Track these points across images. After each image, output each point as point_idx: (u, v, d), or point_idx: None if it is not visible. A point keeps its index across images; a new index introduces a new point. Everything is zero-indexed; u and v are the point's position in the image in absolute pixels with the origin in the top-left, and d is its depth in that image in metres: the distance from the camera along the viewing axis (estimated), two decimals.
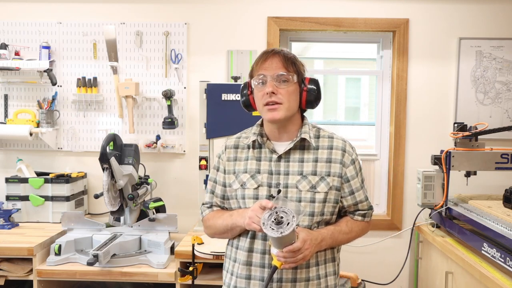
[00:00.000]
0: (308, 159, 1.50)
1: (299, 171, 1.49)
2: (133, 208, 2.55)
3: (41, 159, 2.94)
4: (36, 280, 2.26)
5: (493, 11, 2.82)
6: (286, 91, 1.46)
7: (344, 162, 1.52)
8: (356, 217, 1.56)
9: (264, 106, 1.48)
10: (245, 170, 1.53)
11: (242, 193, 1.51)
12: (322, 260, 1.51)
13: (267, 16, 2.84)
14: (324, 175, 1.49)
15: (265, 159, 1.52)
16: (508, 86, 2.84)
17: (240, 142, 1.59)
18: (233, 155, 1.58)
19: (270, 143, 1.54)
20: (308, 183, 1.47)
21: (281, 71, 1.46)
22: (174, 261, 2.27)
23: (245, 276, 1.49)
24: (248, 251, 1.48)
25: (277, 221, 1.29)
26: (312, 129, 1.56)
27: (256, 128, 1.57)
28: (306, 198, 1.46)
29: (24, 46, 2.87)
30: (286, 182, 1.48)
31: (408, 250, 2.77)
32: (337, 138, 1.56)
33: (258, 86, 1.49)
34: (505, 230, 1.88)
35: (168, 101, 2.77)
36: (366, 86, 3.39)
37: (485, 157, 2.38)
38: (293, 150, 1.51)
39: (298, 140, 1.51)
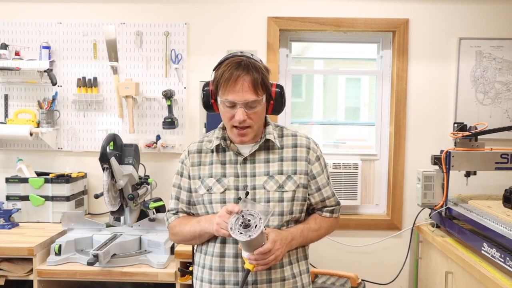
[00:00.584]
0: (273, 159, 1.51)
1: (265, 172, 1.49)
2: (133, 208, 2.55)
3: (41, 159, 2.94)
4: (36, 280, 2.27)
5: (493, 11, 2.82)
6: (255, 114, 1.45)
7: (309, 159, 1.52)
8: (324, 213, 1.58)
9: (233, 127, 1.46)
10: (210, 174, 1.52)
11: (209, 198, 1.49)
12: (295, 259, 1.52)
13: (267, 16, 2.84)
14: (290, 173, 1.49)
15: (230, 162, 1.51)
16: (508, 86, 2.84)
17: (203, 146, 1.57)
18: (197, 160, 1.56)
19: (234, 146, 1.52)
20: (276, 183, 1.47)
21: (252, 97, 1.41)
22: (174, 261, 2.28)
23: (219, 281, 1.47)
24: (220, 256, 1.47)
25: (244, 224, 1.29)
26: (275, 129, 1.56)
27: (219, 131, 1.55)
28: (275, 198, 1.46)
29: (24, 46, 2.87)
30: (253, 183, 1.48)
31: (408, 250, 2.77)
32: (300, 135, 1.56)
33: (226, 107, 1.45)
34: (505, 230, 1.88)
35: (168, 101, 2.77)
36: (366, 86, 3.39)
37: (485, 157, 2.38)
38: (258, 151, 1.51)
39: (262, 141, 1.50)
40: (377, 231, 2.91)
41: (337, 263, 2.84)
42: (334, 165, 2.89)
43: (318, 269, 2.60)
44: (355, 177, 2.90)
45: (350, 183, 2.90)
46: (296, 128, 3.03)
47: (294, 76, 3.05)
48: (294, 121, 3.04)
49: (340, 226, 2.92)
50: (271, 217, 1.44)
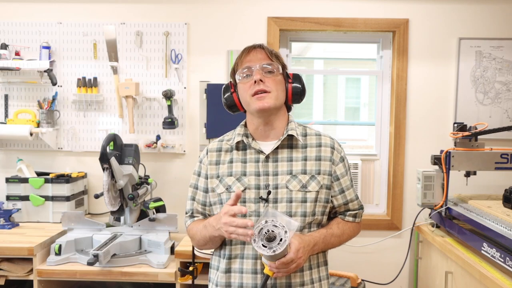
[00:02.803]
0: (297, 158, 1.47)
1: (288, 171, 1.45)
2: (133, 208, 2.55)
3: (41, 159, 2.94)
4: (36, 280, 2.27)
5: (493, 11, 2.82)
6: (273, 80, 1.45)
7: (334, 160, 1.49)
8: (347, 218, 1.54)
9: (252, 97, 1.44)
10: (230, 173, 1.48)
11: (228, 197, 1.45)
12: (315, 264, 1.48)
13: (267, 16, 2.84)
14: (314, 173, 1.46)
15: (251, 160, 1.48)
16: (507, 86, 2.84)
17: (223, 145, 1.55)
18: (215, 159, 1.53)
19: (256, 143, 1.49)
20: (299, 183, 1.44)
21: (267, 62, 1.46)
22: (174, 261, 2.28)
23: (238, 284, 1.44)
24: (240, 257, 1.44)
25: (268, 237, 1.25)
26: (298, 127, 1.53)
27: (240, 128, 1.53)
28: (297, 198, 1.43)
29: (24, 46, 2.88)
30: (275, 183, 1.44)
31: (408, 250, 2.77)
32: (324, 135, 1.53)
33: (244, 79, 1.46)
34: (505, 230, 1.88)
35: (168, 101, 2.77)
36: (366, 86, 3.39)
37: (485, 157, 2.38)
38: (281, 149, 1.48)
39: (285, 137, 1.47)
40: (377, 231, 2.91)
41: (337, 263, 2.84)
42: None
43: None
44: (355, 177, 2.90)
45: None
46: None
47: None
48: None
49: None
50: (293, 217, 1.40)
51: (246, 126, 1.54)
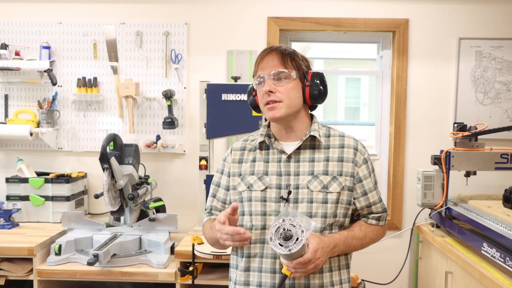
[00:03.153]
0: (319, 159, 1.46)
1: (310, 171, 1.44)
2: (133, 208, 2.55)
3: (41, 159, 2.94)
4: (36, 280, 2.27)
5: (493, 11, 2.82)
6: (285, 88, 1.43)
7: (356, 161, 1.47)
8: (370, 220, 1.51)
9: (265, 106, 1.45)
10: (252, 172, 1.49)
11: (249, 195, 1.46)
12: (336, 266, 1.46)
13: (267, 16, 2.84)
14: (336, 174, 1.44)
15: (273, 160, 1.48)
16: (507, 86, 2.84)
17: (247, 145, 1.55)
18: (239, 157, 1.54)
19: (278, 143, 1.49)
20: (320, 183, 1.42)
21: (278, 69, 1.43)
22: (174, 261, 2.28)
23: (256, 283, 1.43)
24: (259, 256, 1.44)
25: (285, 236, 1.24)
26: (322, 128, 1.52)
27: (263, 129, 1.53)
28: (318, 199, 1.42)
29: (24, 46, 2.88)
30: (296, 183, 1.43)
31: (408, 250, 2.77)
32: (348, 136, 1.52)
33: (258, 86, 1.47)
34: (505, 230, 1.88)
35: (168, 101, 2.77)
36: (366, 86, 3.39)
37: (484, 157, 2.38)
38: (303, 150, 1.47)
39: (307, 138, 1.46)
40: None
41: None
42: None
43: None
44: None
45: None
46: None
47: None
48: None
49: None
50: (313, 218, 1.40)
51: (269, 127, 1.54)
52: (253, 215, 1.45)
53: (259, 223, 1.44)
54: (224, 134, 2.49)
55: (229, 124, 2.42)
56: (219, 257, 2.17)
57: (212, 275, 2.29)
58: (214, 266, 2.34)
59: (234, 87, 2.47)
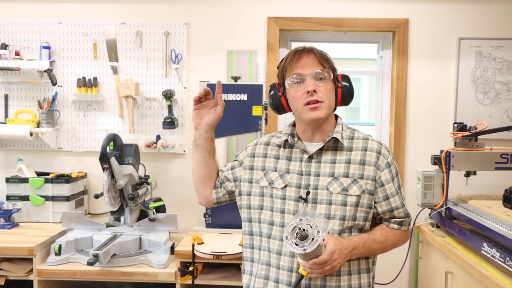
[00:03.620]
0: (340, 160, 1.45)
1: (330, 173, 1.43)
2: (133, 208, 2.55)
3: (41, 159, 2.94)
4: (36, 280, 2.27)
5: (493, 11, 2.82)
6: (325, 88, 1.43)
7: (379, 165, 1.45)
8: (391, 225, 1.50)
9: (305, 106, 1.42)
10: (275, 168, 1.50)
11: (270, 192, 1.47)
12: (355, 270, 1.45)
13: (267, 16, 2.84)
14: (356, 177, 1.43)
15: (295, 159, 1.48)
16: (508, 86, 2.85)
17: (271, 140, 1.57)
18: (263, 151, 1.55)
19: (301, 143, 1.50)
20: (340, 185, 1.42)
21: (319, 68, 1.43)
22: (174, 261, 2.28)
23: (274, 279, 1.44)
24: (277, 253, 1.44)
25: (301, 235, 1.24)
26: (346, 130, 1.51)
27: (288, 128, 1.54)
28: (337, 201, 1.41)
29: (24, 46, 2.88)
30: (316, 183, 1.43)
31: (408, 250, 2.76)
32: (372, 140, 1.50)
33: (294, 86, 1.44)
34: (505, 230, 1.88)
35: (168, 101, 2.77)
36: (366, 86, 3.39)
37: (485, 157, 2.38)
38: (325, 151, 1.46)
39: (330, 139, 1.46)
40: None
41: None
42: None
43: None
44: None
45: None
46: None
47: None
48: None
49: None
50: (331, 220, 1.39)
51: (294, 126, 1.55)
52: (274, 211, 1.46)
53: (278, 219, 1.45)
54: (224, 134, 2.48)
55: (229, 124, 2.41)
56: (219, 257, 2.17)
57: (212, 275, 2.29)
58: (214, 266, 2.34)
59: (234, 87, 2.47)
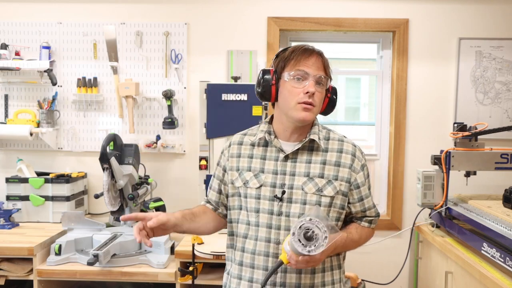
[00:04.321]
0: (316, 161, 1.46)
1: (305, 173, 1.44)
2: (133, 208, 2.55)
3: (41, 159, 2.94)
4: (36, 280, 2.27)
5: (493, 11, 2.82)
6: (321, 94, 1.44)
7: (354, 168, 1.47)
8: (363, 223, 1.54)
9: (298, 104, 1.41)
10: (249, 168, 1.49)
11: (245, 192, 1.48)
12: (329, 267, 1.48)
13: (267, 16, 2.84)
14: (331, 178, 1.44)
15: (270, 158, 1.48)
16: (507, 86, 2.84)
17: (245, 139, 1.55)
18: (236, 152, 1.54)
19: (277, 141, 1.49)
20: (315, 186, 1.43)
21: (322, 73, 1.43)
22: (174, 261, 2.28)
23: (248, 278, 1.45)
24: (252, 253, 1.45)
25: (305, 233, 1.23)
26: (322, 131, 1.51)
27: (264, 125, 1.52)
28: (312, 201, 1.42)
29: (24, 46, 2.87)
30: (291, 183, 1.44)
31: (408, 250, 2.77)
32: (347, 142, 1.51)
33: (294, 81, 1.42)
34: (505, 230, 1.88)
35: (168, 101, 2.77)
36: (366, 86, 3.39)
37: (485, 157, 2.38)
38: (301, 151, 1.47)
39: (307, 140, 1.46)
40: (377, 231, 2.85)
41: None
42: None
43: None
44: None
45: None
46: None
47: None
48: None
49: None
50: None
51: (271, 123, 1.53)
52: (249, 211, 1.47)
53: (253, 219, 1.46)
54: (224, 134, 2.48)
55: (229, 124, 2.42)
56: (219, 257, 2.17)
57: (212, 275, 2.29)
58: (214, 266, 2.34)
59: (234, 87, 2.47)
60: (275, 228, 1.43)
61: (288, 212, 1.43)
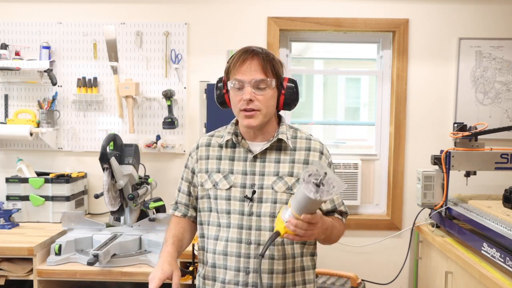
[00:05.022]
0: (284, 160, 1.48)
1: (275, 172, 1.46)
2: (133, 208, 2.55)
3: (41, 159, 2.94)
4: (36, 280, 2.26)
5: (493, 11, 2.82)
6: (264, 97, 1.42)
7: None
8: (336, 216, 1.54)
9: (241, 112, 1.43)
10: (218, 169, 1.50)
11: (215, 193, 1.49)
12: (299, 267, 1.49)
13: (267, 16, 2.84)
14: (301, 176, 1.47)
15: (239, 159, 1.49)
16: (507, 86, 2.85)
17: (212, 140, 1.56)
18: (205, 154, 1.54)
19: (245, 142, 1.50)
20: (284, 184, 1.45)
21: (260, 77, 1.41)
22: None
23: (221, 280, 1.47)
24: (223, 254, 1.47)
25: (316, 184, 1.19)
26: (289, 130, 1.53)
27: (231, 127, 1.53)
28: (282, 200, 1.44)
29: (24, 46, 2.87)
30: (261, 183, 1.45)
31: (408, 250, 2.77)
32: (314, 140, 1.53)
33: (234, 90, 1.44)
34: (505, 230, 1.88)
35: (168, 101, 2.77)
36: (366, 86, 3.39)
37: (484, 157, 2.38)
38: (269, 151, 1.48)
39: (275, 140, 1.48)
40: (377, 231, 2.91)
41: (337, 263, 2.84)
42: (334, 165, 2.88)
43: (318, 269, 2.60)
44: (355, 177, 2.90)
45: (350, 183, 2.90)
46: None
47: (294, 76, 3.05)
48: (294, 121, 3.04)
49: None
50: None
51: (237, 125, 1.54)
52: (219, 213, 1.48)
53: (224, 221, 1.47)
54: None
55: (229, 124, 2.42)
56: None
57: None
58: None
59: None
60: (246, 228, 1.44)
61: (259, 212, 1.44)
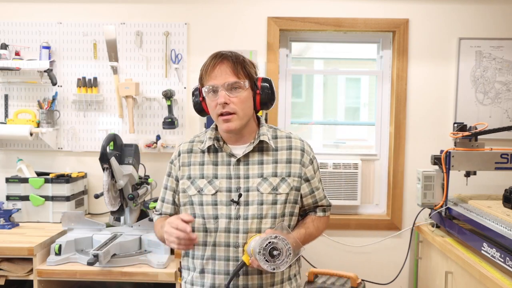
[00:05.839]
0: (267, 161, 1.49)
1: (259, 174, 1.47)
2: (133, 208, 2.55)
3: (41, 159, 2.94)
4: (36, 280, 2.26)
5: (493, 11, 2.82)
6: (239, 99, 1.43)
7: (304, 162, 1.51)
8: (318, 213, 1.58)
9: (219, 117, 1.44)
10: (201, 175, 1.50)
11: (200, 199, 1.48)
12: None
13: (267, 16, 2.84)
14: (284, 176, 1.48)
15: (222, 163, 1.49)
16: (508, 86, 2.85)
17: (193, 146, 1.55)
18: (187, 160, 1.54)
19: (227, 146, 1.51)
20: (269, 185, 1.46)
21: (232, 79, 1.42)
22: (174, 261, 2.28)
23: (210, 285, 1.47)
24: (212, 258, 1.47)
25: (270, 251, 1.28)
26: (269, 130, 1.54)
27: (211, 132, 1.53)
28: (268, 201, 1.45)
29: (24, 46, 2.88)
30: (246, 185, 1.46)
31: (408, 250, 2.77)
32: (295, 138, 1.55)
33: (209, 95, 1.45)
34: (505, 230, 1.88)
35: (168, 101, 2.77)
36: (366, 86, 3.39)
37: (484, 157, 2.38)
38: (251, 153, 1.49)
39: (256, 142, 1.48)
40: (377, 231, 2.91)
41: (337, 263, 2.85)
42: (334, 165, 2.88)
43: (318, 269, 2.60)
44: (355, 177, 2.90)
45: (350, 183, 2.90)
46: (296, 128, 3.03)
47: (294, 76, 3.05)
48: (294, 121, 3.04)
49: (340, 226, 2.93)
50: (263, 219, 1.44)
51: (217, 129, 1.54)
52: (206, 218, 1.47)
53: (212, 226, 1.47)
54: None
55: None
56: None
57: None
58: None
59: None
60: (234, 231, 1.45)
61: (246, 214, 1.45)
